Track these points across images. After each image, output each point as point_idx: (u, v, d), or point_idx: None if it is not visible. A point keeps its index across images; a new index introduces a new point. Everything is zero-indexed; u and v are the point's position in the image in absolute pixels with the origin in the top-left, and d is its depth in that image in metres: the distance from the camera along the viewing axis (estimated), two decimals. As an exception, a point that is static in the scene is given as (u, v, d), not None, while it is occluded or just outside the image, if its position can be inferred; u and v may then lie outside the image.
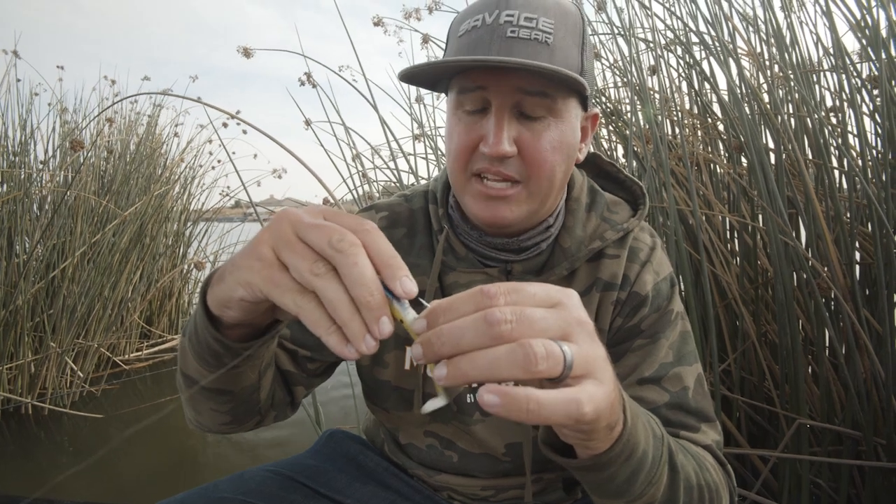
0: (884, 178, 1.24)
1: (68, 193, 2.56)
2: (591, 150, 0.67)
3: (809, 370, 1.40)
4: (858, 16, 1.36)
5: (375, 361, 0.62)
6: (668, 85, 1.75)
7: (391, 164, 1.97)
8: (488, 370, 0.27)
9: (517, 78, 0.49)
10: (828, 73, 1.54)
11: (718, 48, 1.49)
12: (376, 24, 1.83)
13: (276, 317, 0.40)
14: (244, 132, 3.23)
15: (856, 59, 1.47)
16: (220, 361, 0.43)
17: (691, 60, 1.68)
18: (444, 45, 0.62)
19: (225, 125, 2.71)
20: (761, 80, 1.64)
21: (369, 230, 0.31)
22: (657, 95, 1.63)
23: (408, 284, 0.30)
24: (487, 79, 0.50)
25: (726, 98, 1.53)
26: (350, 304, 0.29)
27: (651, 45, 1.68)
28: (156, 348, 3.06)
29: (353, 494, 0.63)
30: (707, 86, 1.70)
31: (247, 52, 1.60)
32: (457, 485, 0.63)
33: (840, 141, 1.41)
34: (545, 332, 0.28)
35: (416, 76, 0.52)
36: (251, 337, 0.42)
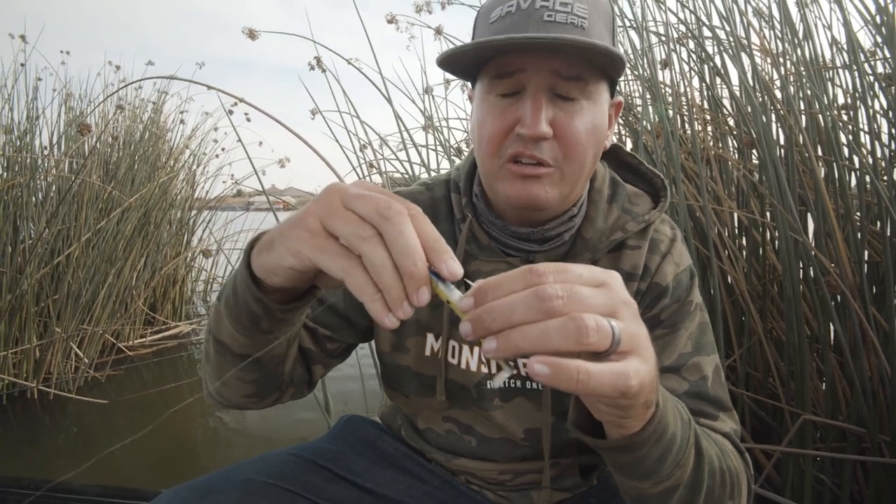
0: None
1: (74, 179, 2.56)
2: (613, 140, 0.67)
3: (815, 367, 1.41)
4: (874, 11, 1.35)
5: (396, 347, 0.63)
6: (679, 79, 1.75)
7: (400, 156, 1.97)
8: (539, 341, 0.28)
9: (556, 60, 0.49)
10: (841, 71, 1.53)
11: (731, 43, 1.48)
12: (390, 22, 1.81)
13: (317, 283, 0.41)
14: (248, 119, 3.21)
15: (869, 55, 1.46)
16: (257, 324, 0.44)
17: (703, 55, 1.68)
18: (455, 40, 0.62)
19: (231, 112, 2.69)
20: (774, 76, 1.64)
21: (416, 212, 0.32)
22: (668, 90, 1.63)
23: (453, 266, 0.31)
24: (525, 61, 0.50)
25: (738, 93, 1.52)
26: (394, 270, 0.30)
27: (663, 38, 1.68)
28: (160, 335, 3.07)
29: (373, 478, 0.63)
30: (719, 81, 1.69)
31: (252, 34, 1.58)
32: (475, 469, 0.64)
33: (851, 138, 1.41)
34: (594, 309, 0.29)
35: (456, 58, 0.52)
36: (289, 301, 0.43)
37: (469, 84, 0.61)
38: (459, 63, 0.55)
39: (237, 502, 0.52)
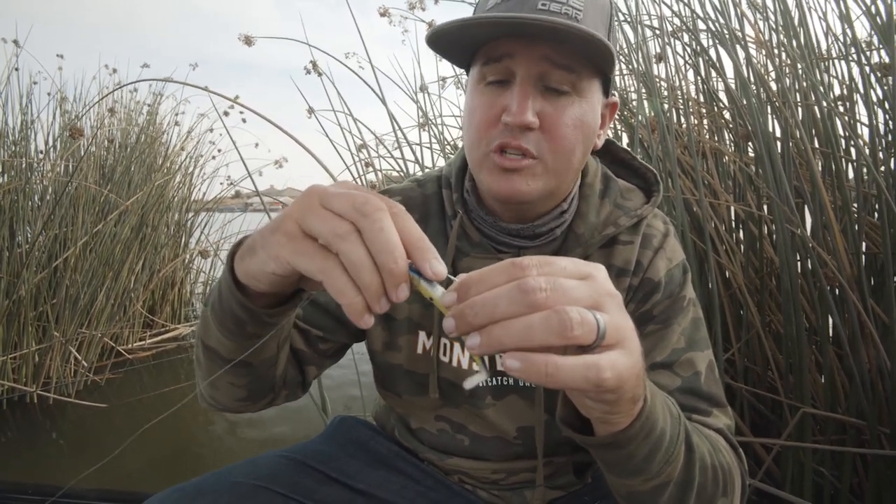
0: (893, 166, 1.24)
1: (69, 182, 2.55)
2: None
3: (813, 360, 1.41)
4: (869, 1, 1.34)
5: (388, 346, 0.62)
6: (674, 73, 1.74)
7: (395, 154, 1.97)
8: (523, 336, 0.28)
9: (546, 48, 0.49)
10: (836, 61, 1.53)
11: (726, 35, 1.47)
12: (382, 15, 1.80)
13: (302, 286, 0.41)
14: (244, 121, 3.20)
15: (865, 46, 1.45)
16: (242, 329, 0.43)
17: (698, 48, 1.67)
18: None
19: (226, 113, 2.69)
20: (769, 67, 1.63)
21: (398, 211, 0.31)
22: (664, 84, 1.62)
23: (437, 267, 0.30)
24: (515, 46, 0.49)
25: (733, 86, 1.52)
26: (372, 268, 0.29)
27: (657, 32, 1.67)
28: (159, 338, 3.07)
29: (365, 479, 0.63)
30: (714, 73, 1.68)
31: (248, 41, 1.57)
32: (468, 468, 0.63)
33: (848, 129, 1.40)
34: (578, 302, 0.29)
35: (446, 36, 0.51)
36: (274, 305, 0.43)
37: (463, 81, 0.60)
38: (450, 45, 0.53)
39: None
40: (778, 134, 1.44)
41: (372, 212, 0.30)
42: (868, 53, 1.45)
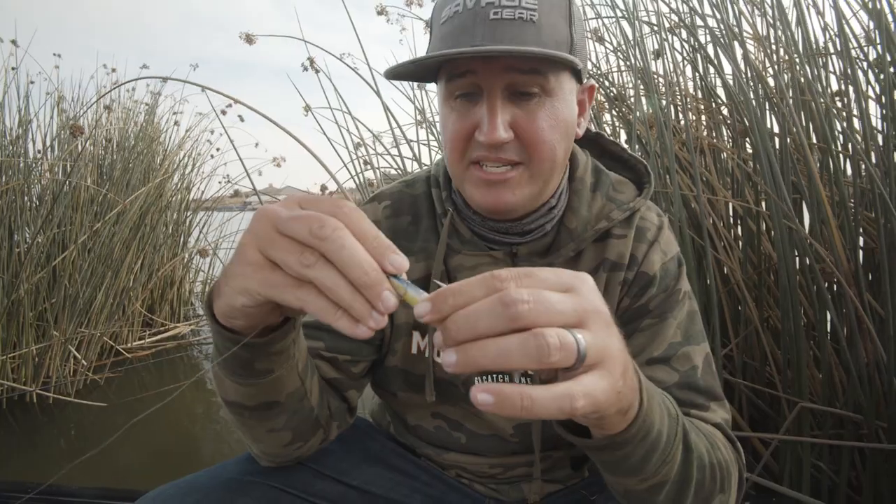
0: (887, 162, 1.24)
1: (67, 183, 2.55)
2: (594, 129, 0.66)
3: (811, 355, 1.41)
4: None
5: (387, 350, 0.62)
6: (672, 69, 1.74)
7: (393, 151, 1.97)
8: (499, 359, 0.27)
9: (507, 59, 0.48)
10: (833, 57, 1.53)
11: (724, 31, 1.47)
12: (380, 14, 1.80)
13: (285, 314, 0.40)
14: (242, 120, 3.20)
15: (862, 42, 1.45)
16: (251, 369, 0.42)
17: (696, 44, 1.66)
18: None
19: (224, 113, 2.68)
20: (766, 63, 1.63)
21: (347, 212, 0.30)
22: (661, 80, 1.62)
23: (397, 260, 0.30)
24: (476, 64, 0.49)
25: (731, 82, 1.51)
26: (348, 287, 0.29)
27: (655, 28, 1.66)
28: (158, 337, 3.07)
29: (359, 476, 0.63)
30: (711, 70, 1.68)
31: (249, 39, 1.57)
32: (465, 463, 0.64)
33: (845, 125, 1.40)
34: (561, 316, 0.28)
35: (403, 75, 0.52)
36: (269, 332, 0.41)
37: None
38: (411, 76, 0.54)
39: (219, 500, 0.52)
40: (776, 130, 1.44)
41: (330, 233, 0.29)
42: (866, 49, 1.45)
